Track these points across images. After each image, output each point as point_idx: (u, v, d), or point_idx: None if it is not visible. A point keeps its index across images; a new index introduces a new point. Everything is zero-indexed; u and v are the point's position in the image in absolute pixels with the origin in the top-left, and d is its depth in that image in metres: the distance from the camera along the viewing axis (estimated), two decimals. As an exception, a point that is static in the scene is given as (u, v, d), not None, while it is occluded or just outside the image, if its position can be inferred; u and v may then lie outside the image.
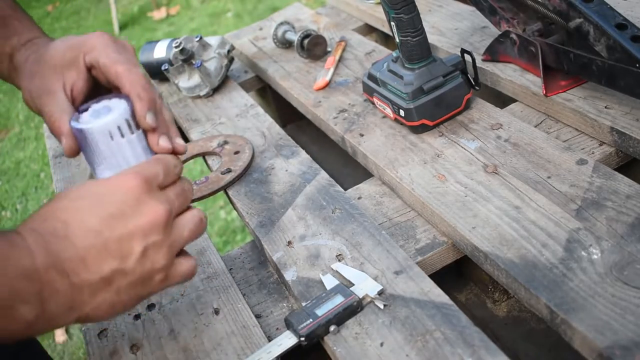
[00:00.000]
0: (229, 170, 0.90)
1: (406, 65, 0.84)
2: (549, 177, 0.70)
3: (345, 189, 0.81)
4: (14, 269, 0.48)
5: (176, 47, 1.09)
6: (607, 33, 0.71)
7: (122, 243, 0.51)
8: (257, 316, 0.68)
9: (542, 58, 0.82)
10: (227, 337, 0.65)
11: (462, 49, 0.84)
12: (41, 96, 0.64)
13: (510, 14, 0.88)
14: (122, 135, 0.58)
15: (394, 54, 0.88)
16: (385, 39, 1.28)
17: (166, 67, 1.12)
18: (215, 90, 1.15)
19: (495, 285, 0.75)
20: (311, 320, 0.60)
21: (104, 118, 0.58)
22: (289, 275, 0.69)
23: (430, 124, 0.83)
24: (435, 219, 0.71)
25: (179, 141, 0.63)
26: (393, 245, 0.69)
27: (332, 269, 0.68)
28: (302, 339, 0.60)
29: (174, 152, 0.62)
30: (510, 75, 0.89)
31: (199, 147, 0.99)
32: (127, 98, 0.60)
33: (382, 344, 0.58)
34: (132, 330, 0.69)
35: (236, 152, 0.93)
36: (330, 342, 0.59)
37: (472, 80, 0.85)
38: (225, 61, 1.15)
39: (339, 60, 1.10)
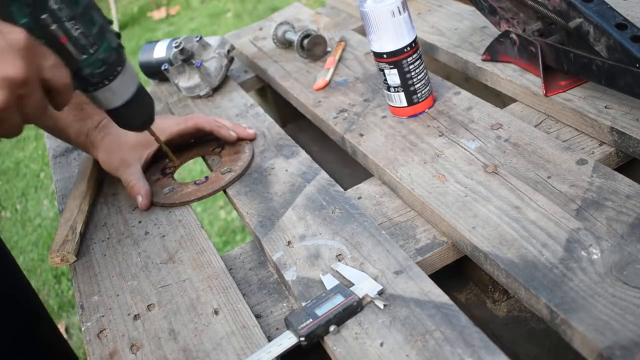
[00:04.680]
0: (229, 170, 0.90)
1: None
2: (549, 177, 0.70)
3: (345, 189, 0.81)
4: None
5: (176, 47, 1.09)
6: (607, 33, 0.71)
7: None
8: (257, 316, 0.68)
9: (542, 58, 0.82)
10: (227, 337, 0.65)
11: None
12: (119, 168, 0.91)
13: (510, 14, 0.88)
14: (400, 14, 0.81)
15: None
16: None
17: (166, 67, 1.12)
18: (215, 90, 1.15)
19: (495, 285, 0.75)
20: (311, 320, 0.60)
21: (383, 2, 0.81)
22: (289, 275, 0.69)
23: None
24: (435, 219, 0.71)
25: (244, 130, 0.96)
26: (393, 245, 0.69)
27: (332, 269, 0.68)
28: (302, 339, 0.60)
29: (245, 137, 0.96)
30: (510, 75, 0.89)
31: (199, 147, 0.99)
32: None
33: (382, 344, 0.57)
34: (132, 330, 0.69)
35: (236, 152, 0.93)
36: (330, 342, 0.59)
37: None
38: (225, 61, 1.15)
39: (339, 60, 1.10)
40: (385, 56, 0.84)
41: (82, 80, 0.69)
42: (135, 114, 0.78)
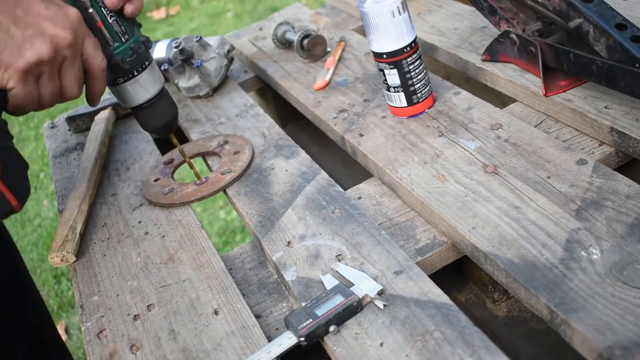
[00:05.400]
0: (229, 171, 0.90)
1: None
2: (548, 177, 0.70)
3: (345, 189, 0.81)
4: None
5: (176, 47, 1.09)
6: (607, 33, 0.71)
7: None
8: (257, 316, 0.68)
9: (542, 58, 0.82)
10: (226, 337, 0.65)
11: None
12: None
13: (509, 14, 0.88)
14: (400, 14, 0.81)
15: None
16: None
17: (166, 67, 1.12)
18: (215, 90, 1.15)
19: (495, 285, 0.75)
20: (311, 320, 0.60)
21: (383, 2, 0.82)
22: (289, 275, 0.69)
23: None
24: (435, 219, 0.71)
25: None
26: (393, 245, 0.69)
27: (332, 269, 0.68)
28: (302, 339, 0.60)
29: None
30: (510, 75, 0.89)
31: (199, 147, 0.99)
32: None
33: (381, 344, 0.57)
34: (131, 330, 0.69)
35: (236, 152, 0.93)
36: (330, 342, 0.59)
37: None
38: (225, 61, 1.15)
39: (339, 60, 1.10)
40: (385, 56, 0.84)
41: (114, 67, 0.75)
42: (159, 114, 0.82)
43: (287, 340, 0.60)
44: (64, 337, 2.02)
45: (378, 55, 0.85)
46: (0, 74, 0.65)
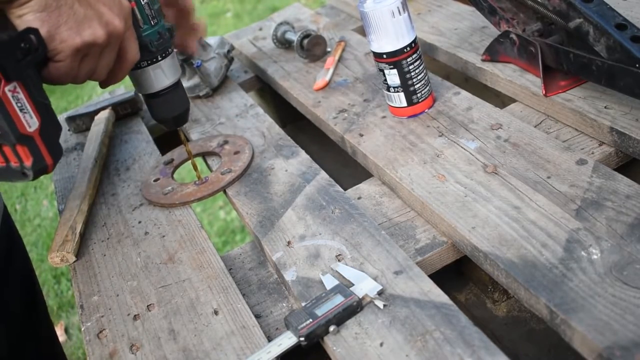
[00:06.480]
0: (229, 171, 0.90)
1: None
2: (548, 177, 0.70)
3: (345, 189, 0.81)
4: None
5: (176, 47, 1.09)
6: (607, 33, 0.71)
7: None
8: (257, 316, 0.68)
9: (542, 58, 0.82)
10: (226, 337, 0.65)
11: None
12: None
13: (509, 14, 0.88)
14: (400, 14, 0.81)
15: None
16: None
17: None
18: (215, 90, 1.15)
19: (495, 285, 0.75)
20: (311, 320, 0.60)
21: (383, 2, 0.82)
22: (289, 275, 0.69)
23: None
24: (435, 219, 0.71)
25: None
26: (393, 245, 0.69)
27: (332, 269, 0.68)
28: (302, 339, 0.60)
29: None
30: (510, 75, 0.89)
31: (199, 147, 0.99)
32: None
33: (381, 344, 0.57)
34: (131, 330, 0.69)
35: (236, 152, 0.93)
36: (329, 342, 0.59)
37: None
38: (225, 61, 1.15)
39: (339, 61, 1.10)
40: (385, 56, 0.84)
41: (142, 49, 0.76)
42: (173, 105, 0.83)
43: (287, 340, 0.60)
44: (63, 337, 2.02)
45: (378, 56, 0.85)
46: (55, 44, 0.66)
